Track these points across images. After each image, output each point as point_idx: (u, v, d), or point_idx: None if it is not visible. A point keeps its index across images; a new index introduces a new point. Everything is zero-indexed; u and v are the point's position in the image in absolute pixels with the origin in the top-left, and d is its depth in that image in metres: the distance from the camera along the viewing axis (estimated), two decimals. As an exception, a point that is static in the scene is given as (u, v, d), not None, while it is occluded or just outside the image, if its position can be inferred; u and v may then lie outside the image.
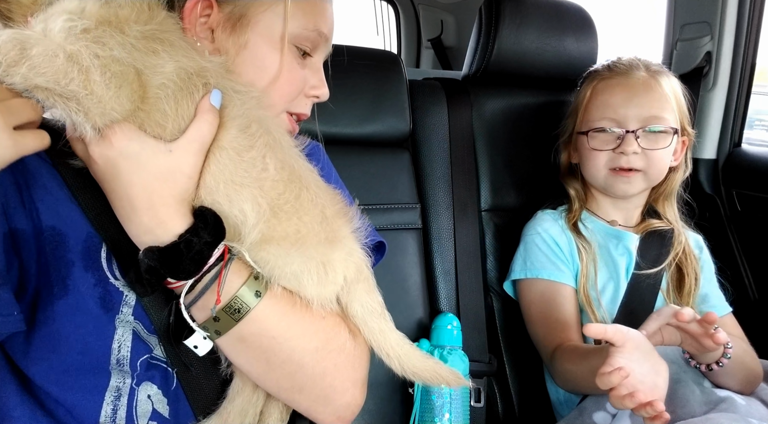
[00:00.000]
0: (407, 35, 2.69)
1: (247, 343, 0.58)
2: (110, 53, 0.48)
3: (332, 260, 0.61)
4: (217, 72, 0.57)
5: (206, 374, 0.64)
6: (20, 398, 0.57)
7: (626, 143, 1.05)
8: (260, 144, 0.57)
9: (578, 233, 1.12)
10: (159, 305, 0.60)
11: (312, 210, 0.59)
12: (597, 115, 1.10)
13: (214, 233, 0.54)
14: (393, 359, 0.65)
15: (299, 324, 0.60)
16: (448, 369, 0.69)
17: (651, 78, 1.08)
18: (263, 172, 0.56)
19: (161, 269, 0.53)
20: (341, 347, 0.62)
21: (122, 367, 0.59)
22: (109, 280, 0.59)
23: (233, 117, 0.56)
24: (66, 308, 0.57)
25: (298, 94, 0.71)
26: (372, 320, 0.65)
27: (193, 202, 0.56)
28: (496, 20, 1.28)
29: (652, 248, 1.10)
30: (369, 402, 0.67)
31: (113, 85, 0.48)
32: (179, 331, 0.57)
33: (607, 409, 0.96)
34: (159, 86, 0.52)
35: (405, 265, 1.20)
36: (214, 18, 0.64)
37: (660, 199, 1.16)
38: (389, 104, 1.22)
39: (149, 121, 0.52)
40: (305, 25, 0.67)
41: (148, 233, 0.54)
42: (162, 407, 0.61)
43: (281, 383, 0.62)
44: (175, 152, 0.53)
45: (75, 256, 0.57)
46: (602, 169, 1.09)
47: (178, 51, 0.53)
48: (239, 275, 0.57)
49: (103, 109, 0.49)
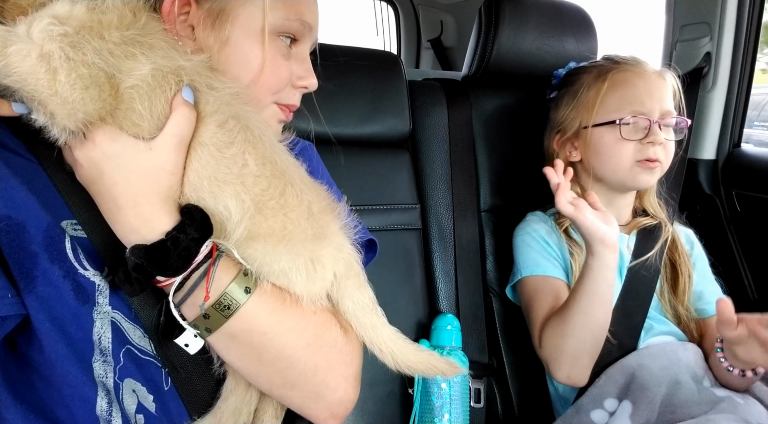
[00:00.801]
0: (407, 36, 2.69)
1: (238, 340, 0.58)
2: (82, 57, 0.49)
3: (321, 256, 0.61)
4: (194, 70, 0.57)
5: (200, 373, 0.64)
6: (13, 400, 0.57)
7: (655, 133, 1.05)
8: (239, 139, 0.57)
9: (569, 237, 1.12)
10: (148, 304, 0.59)
11: (298, 206, 0.59)
12: (621, 106, 1.08)
13: (201, 229, 0.54)
14: (386, 354, 0.65)
15: (290, 320, 0.60)
16: (443, 359, 0.69)
17: (661, 72, 1.11)
18: (244, 168, 0.57)
19: (148, 267, 0.53)
20: (333, 343, 0.62)
21: (105, 357, 0.59)
22: (78, 271, 0.57)
23: (210, 113, 0.57)
24: (38, 302, 0.55)
25: (285, 86, 0.70)
26: (363, 316, 0.65)
27: (179, 200, 0.56)
28: (496, 21, 1.28)
29: (646, 244, 1.11)
30: (369, 402, 0.67)
31: (78, 86, 0.49)
32: (169, 330, 0.57)
33: (604, 407, 0.96)
34: (132, 87, 0.52)
35: (405, 265, 1.20)
36: (193, 15, 0.63)
37: (645, 194, 1.18)
38: (389, 105, 1.22)
39: (126, 122, 0.53)
40: (287, 15, 0.66)
41: (134, 232, 0.54)
42: (148, 403, 0.61)
43: (273, 380, 0.62)
44: (155, 150, 0.54)
45: (38, 247, 0.55)
46: (628, 160, 1.07)
47: (156, 52, 0.54)
48: (228, 272, 0.57)
49: (68, 110, 0.50)
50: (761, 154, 1.41)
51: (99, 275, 0.59)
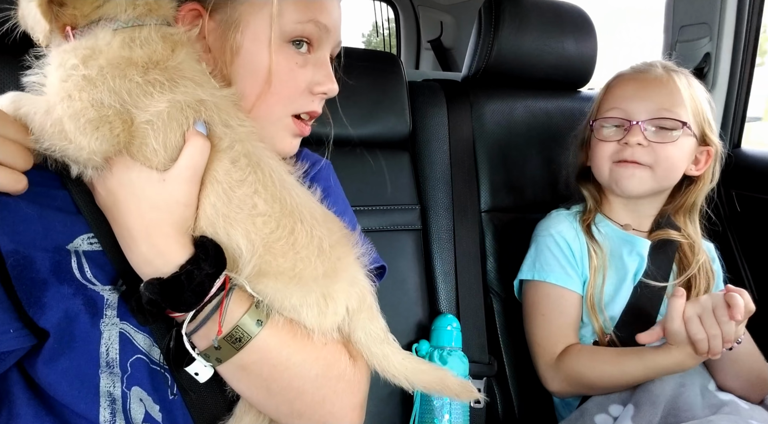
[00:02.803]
0: (407, 37, 2.69)
1: (248, 371, 0.58)
2: (90, 98, 0.51)
3: (333, 291, 0.61)
4: (215, 105, 0.57)
5: (212, 393, 0.63)
6: (29, 400, 0.58)
7: (631, 134, 1.03)
8: (251, 179, 0.57)
9: (591, 236, 1.10)
10: (161, 329, 0.60)
11: (309, 244, 0.59)
12: (606, 107, 1.09)
13: (216, 264, 0.54)
14: (400, 379, 0.65)
15: (300, 352, 0.59)
16: (457, 380, 0.68)
17: (666, 74, 1.06)
18: (253, 209, 0.57)
19: (162, 303, 0.53)
20: (341, 374, 0.62)
21: (112, 369, 0.59)
22: (87, 287, 0.58)
23: (224, 149, 0.57)
24: (48, 325, 0.56)
25: (301, 95, 0.69)
26: (375, 346, 0.65)
27: (193, 232, 0.56)
28: (496, 22, 1.28)
29: (665, 257, 1.08)
30: (369, 403, 0.67)
31: (89, 129, 0.51)
32: (180, 357, 0.57)
33: (609, 412, 0.96)
34: (147, 122, 0.53)
35: (405, 266, 1.20)
36: (205, 27, 0.63)
37: (680, 212, 1.13)
38: (389, 106, 1.22)
39: (140, 156, 0.54)
40: (298, 18, 0.65)
41: (148, 263, 0.54)
42: (155, 413, 0.61)
43: (281, 409, 0.61)
44: (168, 181, 0.54)
45: (46, 274, 0.56)
46: (607, 161, 1.07)
47: (178, 89, 0.54)
48: (240, 305, 0.56)
49: (85, 154, 0.52)
50: (761, 154, 1.41)
51: (108, 289, 0.59)
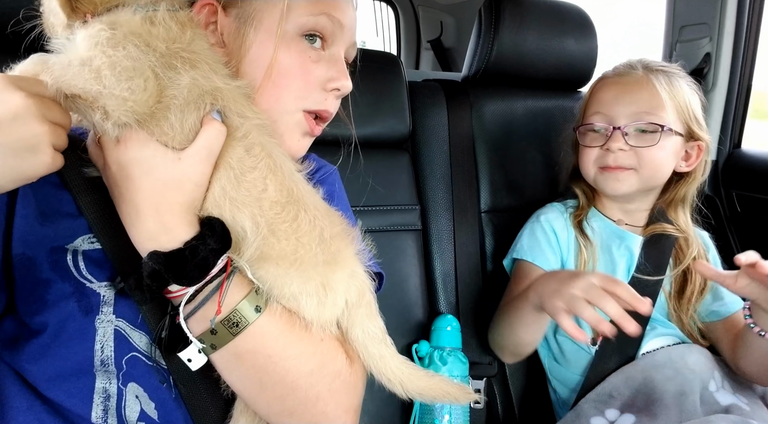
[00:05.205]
0: (407, 36, 2.69)
1: (242, 359, 0.58)
2: (124, 53, 0.51)
3: (332, 280, 0.61)
4: (230, 95, 0.58)
5: (209, 389, 0.63)
6: (21, 392, 0.58)
7: (612, 140, 1.04)
8: (262, 165, 0.58)
9: (581, 231, 1.11)
10: (156, 315, 0.59)
11: (310, 232, 0.60)
12: (589, 112, 1.10)
13: (221, 241, 0.55)
14: (395, 384, 0.65)
15: (296, 345, 0.59)
16: (455, 385, 0.68)
17: (645, 76, 1.06)
18: (263, 193, 0.58)
19: (165, 273, 0.53)
20: (337, 373, 0.61)
21: (107, 367, 0.59)
22: (85, 285, 0.59)
23: (239, 137, 0.58)
24: (49, 321, 0.57)
25: (313, 90, 0.68)
26: (372, 346, 0.64)
27: (198, 212, 0.57)
28: (496, 22, 1.28)
29: (658, 252, 1.08)
30: (369, 403, 0.67)
31: (124, 77, 0.51)
32: (173, 343, 0.57)
33: (606, 416, 0.96)
34: (171, 96, 0.54)
35: (404, 266, 1.19)
36: (221, 23, 0.64)
37: (671, 205, 1.13)
38: (389, 106, 1.22)
39: (157, 129, 0.54)
40: (310, 11, 0.65)
41: (153, 239, 0.54)
42: (150, 410, 0.60)
43: (272, 406, 0.60)
44: (184, 160, 0.54)
45: (48, 273, 0.58)
46: (591, 167, 1.09)
47: (197, 71, 0.55)
48: (240, 289, 0.57)
49: (118, 101, 0.51)
50: (761, 154, 1.41)
51: (105, 286, 0.59)
